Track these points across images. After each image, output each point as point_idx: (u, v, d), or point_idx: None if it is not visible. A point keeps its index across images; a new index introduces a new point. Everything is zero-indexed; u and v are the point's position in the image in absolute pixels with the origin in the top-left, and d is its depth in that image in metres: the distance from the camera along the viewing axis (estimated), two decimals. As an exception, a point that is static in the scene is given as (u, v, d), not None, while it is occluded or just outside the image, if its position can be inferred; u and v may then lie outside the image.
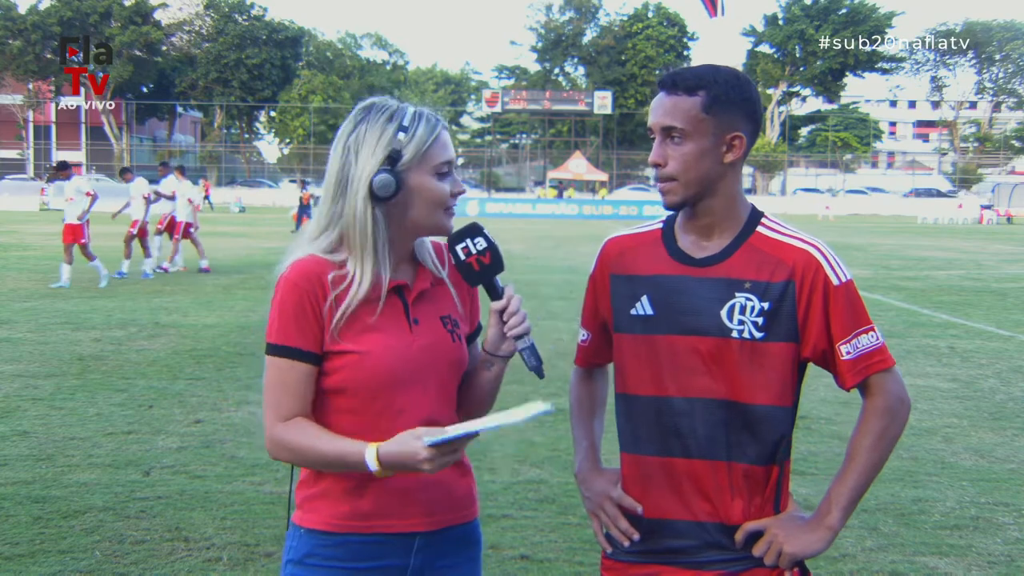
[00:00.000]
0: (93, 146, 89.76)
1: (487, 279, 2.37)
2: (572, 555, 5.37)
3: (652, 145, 2.45)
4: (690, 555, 2.45)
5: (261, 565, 5.12)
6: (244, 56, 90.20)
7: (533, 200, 68.77)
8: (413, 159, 2.33)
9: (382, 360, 2.32)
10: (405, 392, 2.35)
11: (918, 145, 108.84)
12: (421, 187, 2.34)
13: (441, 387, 2.42)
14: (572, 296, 16.37)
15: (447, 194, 2.37)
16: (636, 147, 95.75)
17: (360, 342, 2.32)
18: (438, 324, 2.41)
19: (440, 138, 2.37)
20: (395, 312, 2.37)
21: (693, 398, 2.42)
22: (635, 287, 2.47)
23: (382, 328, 2.34)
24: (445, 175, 2.37)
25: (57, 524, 5.68)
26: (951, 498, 6.53)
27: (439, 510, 2.42)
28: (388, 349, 2.33)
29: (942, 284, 21.26)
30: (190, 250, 21.44)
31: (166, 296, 16.48)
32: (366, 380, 2.32)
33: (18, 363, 10.53)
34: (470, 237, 2.34)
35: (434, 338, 2.40)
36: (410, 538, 2.38)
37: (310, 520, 2.38)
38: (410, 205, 2.35)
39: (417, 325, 2.39)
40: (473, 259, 2.34)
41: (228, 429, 7.93)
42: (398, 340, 2.35)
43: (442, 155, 2.37)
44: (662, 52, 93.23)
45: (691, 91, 2.37)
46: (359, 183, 2.32)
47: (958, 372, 11.02)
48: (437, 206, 2.37)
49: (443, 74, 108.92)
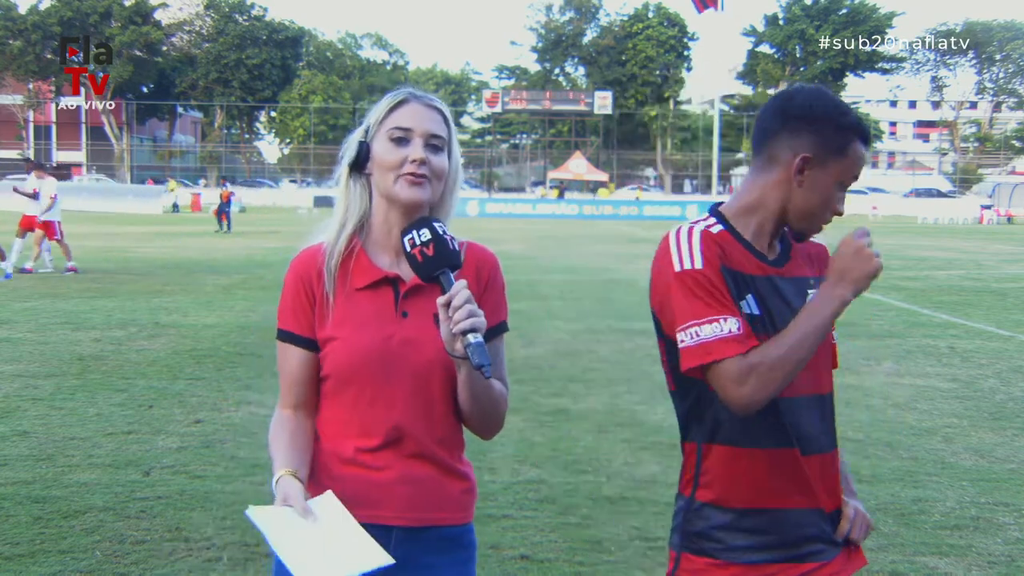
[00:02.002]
0: (93, 146, 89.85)
1: (432, 272, 2.27)
2: (572, 555, 5.37)
3: (650, 147, 2.47)
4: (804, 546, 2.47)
5: (261, 565, 5.12)
6: (244, 56, 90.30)
7: (533, 200, 68.79)
8: (373, 127, 2.42)
9: (358, 346, 2.34)
10: (379, 383, 2.36)
11: (918, 145, 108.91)
12: (377, 153, 2.40)
13: (418, 384, 2.38)
14: (572, 296, 16.39)
15: (398, 159, 2.36)
16: (636, 147, 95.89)
17: (342, 328, 2.36)
18: (429, 321, 2.34)
19: (404, 106, 2.41)
20: (384, 303, 2.39)
21: (806, 395, 2.45)
22: (739, 285, 2.41)
23: (367, 316, 2.37)
24: (401, 140, 2.37)
25: (57, 524, 5.68)
26: (951, 498, 6.53)
27: (419, 507, 2.41)
28: (366, 336, 2.35)
29: (942, 284, 21.26)
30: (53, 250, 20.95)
31: (166, 296, 16.48)
32: (342, 366, 2.36)
33: (18, 363, 10.53)
34: (416, 228, 2.28)
35: (421, 333, 2.36)
36: (386, 531, 2.35)
37: None
38: (374, 172, 2.41)
39: (405, 318, 2.38)
40: (416, 250, 2.27)
41: (228, 429, 7.93)
42: (380, 330, 2.36)
43: (397, 120, 2.39)
44: (662, 52, 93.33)
45: None
46: (344, 157, 2.45)
47: (958, 372, 11.02)
48: (388, 170, 2.37)
49: (443, 74, 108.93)
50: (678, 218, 59.53)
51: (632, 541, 5.59)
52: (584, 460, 7.20)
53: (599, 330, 13.54)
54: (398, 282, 2.40)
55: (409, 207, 2.37)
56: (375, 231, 2.45)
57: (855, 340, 12.96)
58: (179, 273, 20.79)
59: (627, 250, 31.41)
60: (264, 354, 11.19)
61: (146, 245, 29.36)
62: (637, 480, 6.77)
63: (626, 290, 18.92)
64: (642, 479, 6.80)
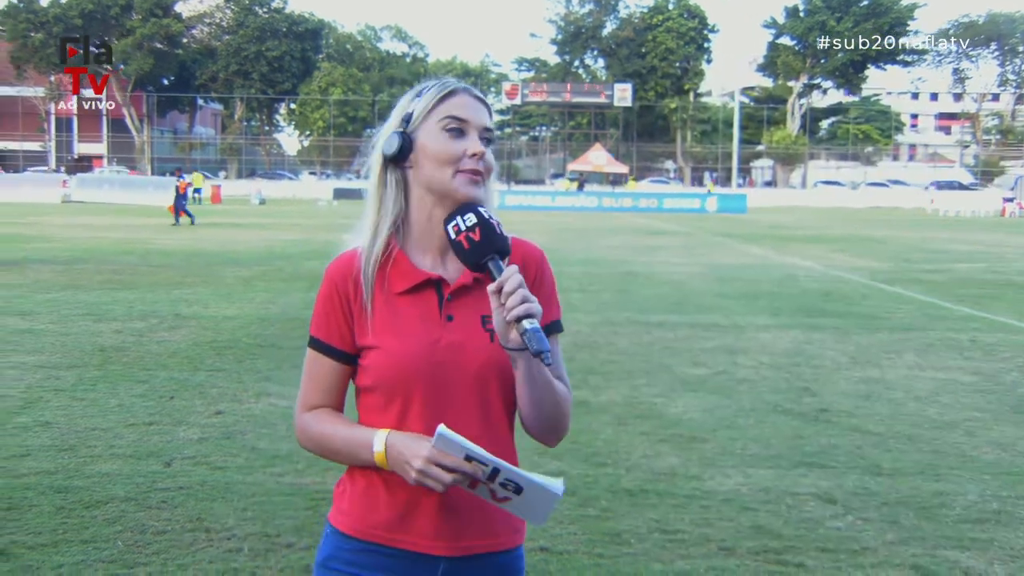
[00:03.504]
0: (114, 138, 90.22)
1: (480, 259, 2.12)
2: (591, 547, 5.37)
3: (670, 139, 2.40)
4: None
5: (281, 556, 5.14)
6: (264, 48, 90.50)
7: (552, 192, 68.73)
8: (419, 116, 2.25)
9: (402, 355, 2.19)
10: (426, 393, 2.20)
11: (940, 137, 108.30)
12: (427, 143, 2.22)
13: (470, 392, 2.22)
14: (591, 288, 16.38)
15: (455, 151, 2.21)
16: (656, 140, 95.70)
17: (385, 336, 2.21)
18: (476, 323, 2.21)
19: (454, 97, 2.26)
20: (428, 306, 2.23)
21: None
22: None
23: (409, 322, 2.22)
24: (456, 132, 2.22)
25: (79, 514, 5.71)
26: (973, 492, 6.49)
27: (468, 535, 2.23)
28: (410, 344, 2.19)
29: (964, 277, 21.15)
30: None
31: (186, 288, 16.54)
32: (385, 377, 2.20)
33: (40, 354, 10.59)
34: (460, 214, 2.14)
35: (467, 336, 2.21)
36: (433, 561, 2.22)
37: (338, 521, 2.28)
38: (420, 165, 2.23)
39: (451, 322, 2.22)
40: (463, 236, 2.12)
41: (249, 420, 7.95)
42: (426, 335, 2.20)
43: (451, 110, 2.23)
44: (682, 44, 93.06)
45: None
46: (375, 149, 2.29)
47: (980, 365, 10.96)
48: (443, 163, 2.20)
49: (463, 66, 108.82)
50: (697, 211, 59.44)
51: (651, 533, 5.58)
52: (603, 452, 7.20)
53: (618, 322, 13.52)
54: (441, 284, 2.25)
55: (465, 205, 2.20)
56: (415, 229, 2.28)
57: (877, 333, 12.92)
58: (199, 265, 20.86)
59: (647, 242, 31.37)
60: (284, 346, 11.23)
61: (166, 237, 29.47)
62: (656, 473, 6.77)
63: (645, 283, 18.89)
64: (661, 472, 6.79)
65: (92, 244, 25.92)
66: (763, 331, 13.01)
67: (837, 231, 39.78)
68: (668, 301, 16.19)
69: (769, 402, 8.94)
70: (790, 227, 42.70)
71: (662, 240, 32.73)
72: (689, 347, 11.48)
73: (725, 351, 11.37)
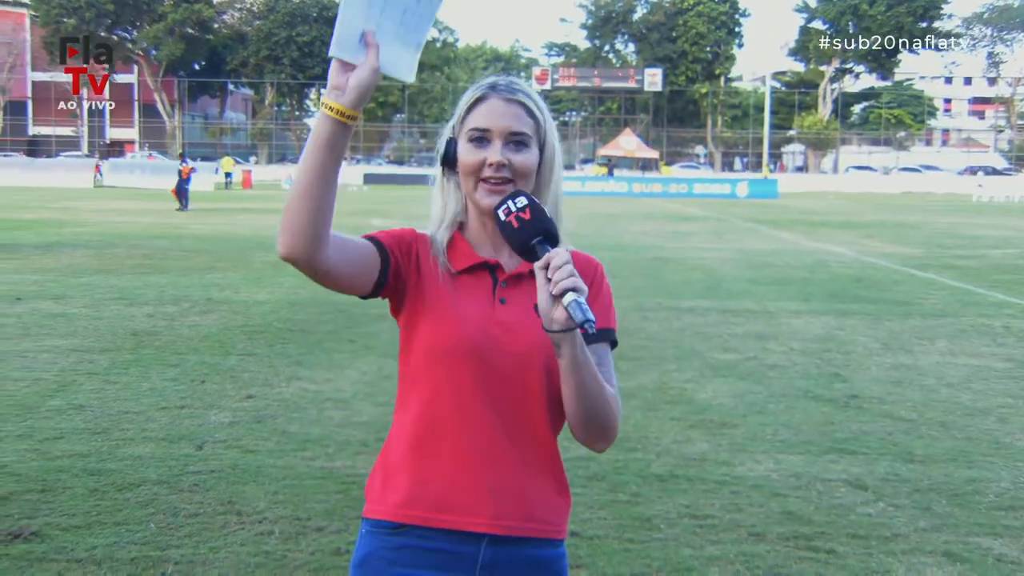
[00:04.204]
0: (146, 124, 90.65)
1: (529, 238, 2.10)
2: (622, 532, 5.37)
3: (700, 124, 2.40)
4: None
5: (312, 539, 5.17)
6: (295, 34, 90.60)
7: (583, 177, 68.55)
8: (457, 125, 2.30)
9: (452, 324, 2.23)
10: (472, 366, 2.22)
11: (973, 122, 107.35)
12: (460, 154, 2.27)
13: (514, 372, 2.23)
14: (621, 274, 16.35)
15: (476, 161, 2.23)
16: (686, 124, 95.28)
17: (438, 306, 2.26)
18: (528, 309, 2.20)
19: (482, 102, 2.28)
20: (484, 287, 2.29)
21: None
22: None
23: (464, 297, 2.27)
24: (479, 141, 2.24)
25: (112, 496, 5.76)
26: (1006, 479, 6.45)
27: (508, 516, 2.23)
28: (466, 314, 2.24)
29: (997, 263, 20.98)
30: None
31: (218, 272, 16.62)
32: (434, 343, 2.24)
33: (73, 338, 10.67)
34: (511, 198, 2.14)
35: (518, 319, 2.24)
36: (475, 540, 2.22)
37: (374, 512, 2.27)
38: (460, 174, 2.29)
39: (503, 304, 2.27)
40: (512, 217, 2.11)
41: (279, 404, 7.99)
42: (479, 309, 2.26)
43: (475, 120, 2.26)
44: (713, 29, 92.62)
45: None
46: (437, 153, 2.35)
47: (1013, 352, 10.88)
48: (467, 173, 2.25)
49: (493, 51, 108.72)
50: (728, 196, 59.16)
51: (681, 519, 5.58)
52: (634, 438, 7.19)
53: (648, 308, 13.49)
54: (497, 269, 2.31)
55: (491, 215, 2.22)
56: (471, 230, 2.35)
57: (909, 319, 12.84)
58: (230, 250, 20.94)
59: (677, 228, 31.28)
60: (315, 330, 11.27)
61: (197, 222, 29.60)
62: (686, 458, 6.76)
63: (675, 268, 18.84)
64: (691, 457, 6.78)
65: (124, 229, 26.09)
66: (794, 317, 12.95)
67: (869, 217, 39.53)
68: (698, 287, 16.14)
69: (800, 388, 8.91)
70: (821, 213, 42.47)
71: (692, 226, 32.61)
72: (720, 333, 11.46)
73: (756, 337, 11.34)
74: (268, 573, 4.79)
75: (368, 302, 2.58)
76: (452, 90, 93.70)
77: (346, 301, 13.37)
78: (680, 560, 5.02)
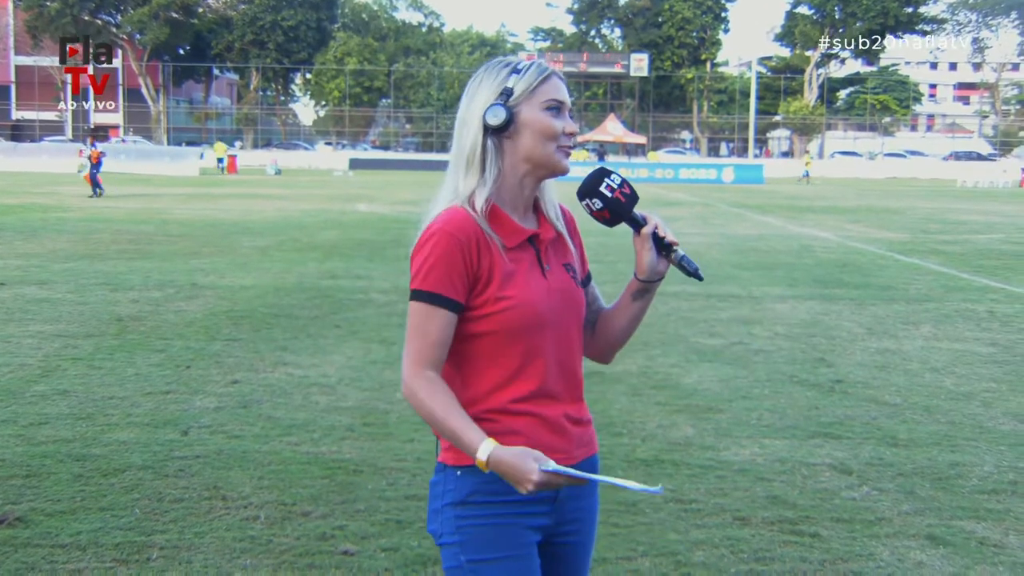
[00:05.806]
0: (131, 108, 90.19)
1: (633, 208, 2.59)
2: (607, 517, 5.32)
3: (686, 109, 2.56)
4: None
5: (297, 524, 5.17)
6: (280, 18, 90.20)
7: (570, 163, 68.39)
8: (523, 94, 2.48)
9: (529, 304, 2.45)
10: (544, 335, 2.48)
11: (958, 108, 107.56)
12: (531, 120, 2.48)
13: (570, 329, 2.56)
14: (607, 259, 16.34)
15: (558, 129, 2.49)
16: (672, 110, 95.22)
17: (507, 288, 2.44)
18: (563, 271, 2.59)
19: (551, 79, 2.52)
20: (530, 259, 2.52)
21: None
22: None
23: (523, 274, 2.48)
24: (556, 111, 2.50)
25: (97, 482, 5.75)
26: (989, 462, 6.49)
27: (586, 443, 2.63)
28: (535, 291, 2.47)
29: (982, 248, 21.06)
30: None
31: (203, 258, 16.58)
32: (514, 324, 2.43)
33: (58, 323, 10.64)
34: (606, 175, 2.53)
35: (563, 283, 2.56)
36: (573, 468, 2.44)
37: (463, 459, 2.42)
38: (521, 138, 2.49)
39: (549, 271, 2.55)
40: (618, 193, 2.54)
41: (265, 390, 7.98)
42: (538, 285, 2.49)
43: (552, 93, 2.50)
44: (699, 14, 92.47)
45: None
46: (474, 117, 2.49)
47: (997, 336, 10.93)
48: (547, 139, 2.49)
49: (479, 36, 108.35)
50: (714, 181, 59.22)
51: (666, 503, 5.59)
52: (619, 422, 7.21)
53: (634, 293, 13.46)
54: (536, 239, 2.56)
55: (560, 175, 2.59)
56: (506, 192, 2.53)
57: (893, 304, 12.88)
58: (216, 235, 20.89)
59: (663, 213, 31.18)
60: (300, 315, 11.26)
61: (182, 207, 29.52)
62: (672, 443, 6.77)
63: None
64: (677, 442, 6.80)
65: (109, 214, 26.00)
66: (779, 302, 12.99)
67: (854, 202, 39.60)
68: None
69: (785, 373, 8.93)
70: (807, 198, 42.52)
71: (678, 211, 32.62)
72: (705, 317, 11.47)
73: (741, 322, 11.36)
74: (253, 558, 4.79)
75: (353, 286, 2.62)
76: (438, 75, 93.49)
77: (331, 286, 13.36)
78: (665, 544, 5.04)
